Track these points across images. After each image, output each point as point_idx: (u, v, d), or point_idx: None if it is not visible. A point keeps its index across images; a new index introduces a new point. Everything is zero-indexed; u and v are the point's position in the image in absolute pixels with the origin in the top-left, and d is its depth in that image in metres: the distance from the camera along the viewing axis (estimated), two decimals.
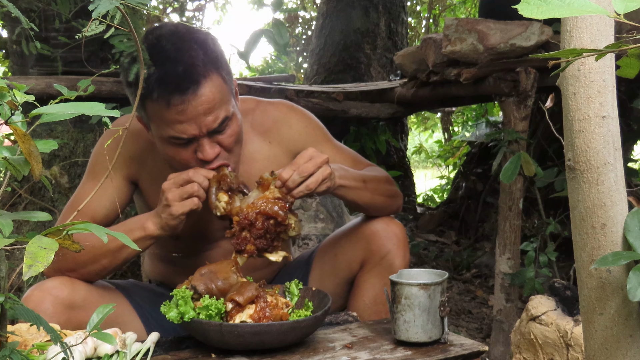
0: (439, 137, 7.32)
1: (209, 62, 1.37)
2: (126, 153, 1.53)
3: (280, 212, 1.36)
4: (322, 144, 1.62)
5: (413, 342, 1.33)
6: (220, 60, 1.41)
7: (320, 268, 1.68)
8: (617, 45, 0.75)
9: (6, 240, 0.76)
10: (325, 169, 1.38)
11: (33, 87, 1.15)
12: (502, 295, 2.37)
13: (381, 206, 1.60)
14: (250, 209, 1.36)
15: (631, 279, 0.87)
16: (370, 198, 1.55)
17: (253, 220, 1.35)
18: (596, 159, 0.93)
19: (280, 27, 2.60)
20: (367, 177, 1.56)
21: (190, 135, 1.37)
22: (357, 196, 1.52)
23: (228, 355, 1.29)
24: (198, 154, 1.39)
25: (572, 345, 1.40)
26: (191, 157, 1.40)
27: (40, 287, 1.40)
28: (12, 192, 2.87)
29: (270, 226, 1.36)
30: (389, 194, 1.62)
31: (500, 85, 2.32)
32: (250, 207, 1.36)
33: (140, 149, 1.54)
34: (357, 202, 1.54)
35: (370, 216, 1.62)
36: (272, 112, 1.63)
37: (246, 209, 1.36)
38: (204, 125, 1.36)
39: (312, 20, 7.78)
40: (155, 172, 1.53)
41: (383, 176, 1.62)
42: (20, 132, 0.83)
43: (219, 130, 1.39)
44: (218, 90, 1.37)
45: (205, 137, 1.38)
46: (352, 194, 1.51)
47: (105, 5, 0.88)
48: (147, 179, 1.55)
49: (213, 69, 1.37)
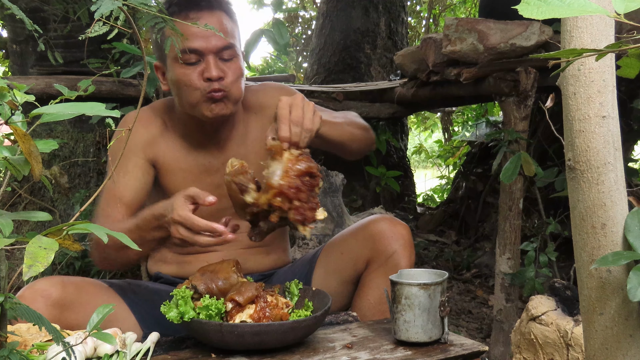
0: (438, 137, 7.32)
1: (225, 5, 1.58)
2: (141, 138, 1.63)
3: (312, 163, 1.34)
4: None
5: (413, 342, 1.33)
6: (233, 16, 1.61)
7: (325, 267, 1.68)
8: (617, 45, 0.75)
9: (6, 240, 0.76)
10: (308, 104, 1.42)
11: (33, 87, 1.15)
12: (502, 295, 2.37)
13: (360, 139, 1.68)
14: (289, 178, 1.30)
15: (631, 278, 0.87)
16: (350, 132, 1.64)
17: (298, 185, 1.30)
18: (596, 159, 0.93)
19: (280, 27, 2.60)
20: (337, 114, 1.69)
21: (200, 48, 1.50)
22: (340, 131, 1.60)
23: (228, 355, 1.29)
24: (205, 73, 1.50)
25: (572, 345, 1.40)
26: (198, 80, 1.51)
27: (31, 288, 1.41)
28: (12, 192, 2.88)
29: (309, 183, 1.33)
30: (362, 126, 1.72)
31: (501, 85, 2.32)
32: (287, 175, 1.30)
33: (152, 134, 1.65)
34: (341, 139, 1.61)
35: (376, 217, 1.64)
36: (255, 89, 1.76)
37: (285, 179, 1.30)
38: (212, 41, 1.50)
39: (312, 20, 7.78)
40: (168, 153, 1.65)
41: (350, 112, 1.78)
42: (20, 132, 0.83)
43: (224, 57, 1.53)
44: (229, 23, 1.56)
45: (212, 56, 1.51)
46: (334, 130, 1.58)
47: (107, 5, 0.88)
48: (162, 160, 1.65)
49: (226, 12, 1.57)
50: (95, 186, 3.08)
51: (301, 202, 1.30)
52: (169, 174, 1.65)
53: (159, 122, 1.67)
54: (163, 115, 1.68)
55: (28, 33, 3.09)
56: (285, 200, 1.29)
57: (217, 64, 1.51)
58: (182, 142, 1.65)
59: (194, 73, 1.51)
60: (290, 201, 1.29)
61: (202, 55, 1.51)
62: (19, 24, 3.11)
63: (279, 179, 1.30)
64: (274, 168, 1.31)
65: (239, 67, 1.56)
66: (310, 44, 5.57)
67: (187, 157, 1.65)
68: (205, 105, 1.53)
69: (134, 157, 1.61)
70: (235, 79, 1.54)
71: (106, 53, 2.87)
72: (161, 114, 1.68)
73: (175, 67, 1.53)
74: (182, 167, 1.65)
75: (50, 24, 3.01)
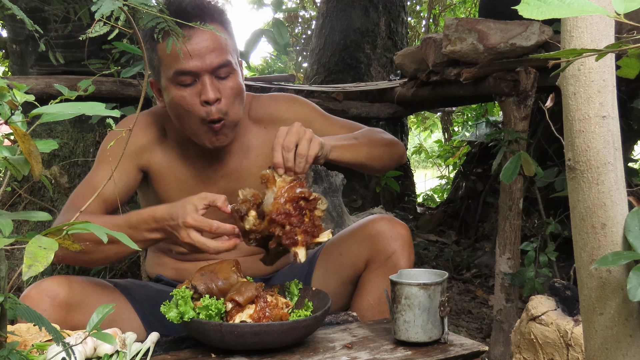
0: (438, 137, 7.32)
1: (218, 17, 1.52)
2: (137, 143, 1.61)
3: (303, 189, 1.35)
4: (310, 116, 1.71)
5: (413, 342, 1.33)
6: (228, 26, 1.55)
7: (324, 267, 1.68)
8: (617, 45, 0.75)
9: (6, 240, 0.76)
10: (303, 131, 1.40)
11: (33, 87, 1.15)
12: (502, 295, 2.37)
13: (382, 156, 1.64)
14: (278, 204, 1.33)
15: (631, 278, 0.87)
16: (367, 151, 1.59)
17: (287, 211, 1.33)
18: (596, 158, 0.93)
19: (280, 27, 2.60)
20: (357, 134, 1.63)
21: (194, 68, 1.46)
22: (355, 153, 1.56)
23: (228, 355, 1.29)
24: (202, 96, 1.47)
25: (572, 345, 1.40)
26: (195, 103, 1.48)
27: (37, 287, 1.40)
28: (12, 192, 2.87)
29: (304, 207, 1.35)
30: (384, 142, 1.67)
31: (500, 85, 2.32)
32: (276, 202, 1.34)
33: (150, 140, 1.63)
34: (358, 160, 1.57)
35: (375, 217, 1.63)
36: (265, 100, 1.73)
37: (274, 206, 1.34)
38: (207, 60, 1.46)
39: (312, 19, 7.78)
40: (164, 161, 1.63)
41: (374, 129, 1.70)
42: (20, 132, 0.83)
43: (220, 76, 1.49)
44: (223, 37, 1.50)
45: (208, 76, 1.47)
46: (348, 153, 1.54)
47: (108, 5, 0.88)
48: (157, 167, 1.63)
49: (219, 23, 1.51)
50: None
51: (292, 227, 1.33)
52: (164, 182, 1.63)
53: (158, 128, 1.65)
54: (163, 121, 1.65)
55: (28, 33, 3.09)
56: (277, 226, 1.33)
57: (214, 84, 1.48)
58: (180, 151, 1.63)
59: (190, 95, 1.48)
60: (283, 226, 1.33)
61: (197, 75, 1.47)
62: (19, 24, 3.11)
63: (269, 206, 1.34)
64: (267, 196, 1.36)
65: (236, 84, 1.52)
66: (310, 44, 5.57)
67: (184, 167, 1.63)
68: (206, 136, 1.52)
69: (125, 160, 1.58)
70: (232, 99, 1.51)
71: (107, 53, 2.87)
72: (161, 119, 1.65)
73: (171, 89, 1.50)
74: (177, 177, 1.63)
75: (50, 24, 3.00)
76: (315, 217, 1.36)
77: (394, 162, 1.71)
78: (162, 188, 1.64)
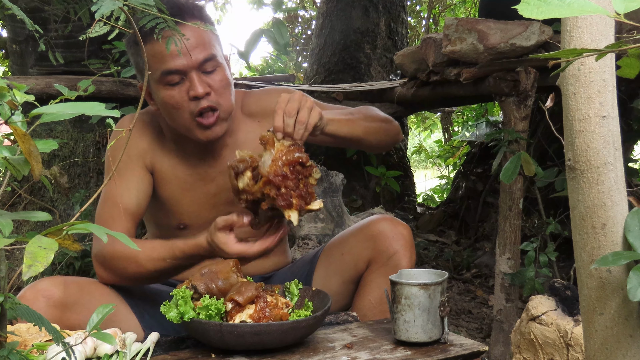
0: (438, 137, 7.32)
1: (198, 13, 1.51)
2: (139, 145, 1.61)
3: (301, 154, 1.35)
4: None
5: (413, 342, 1.33)
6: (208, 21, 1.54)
7: (325, 267, 1.68)
8: (617, 45, 0.75)
9: (6, 240, 0.76)
10: (305, 99, 1.41)
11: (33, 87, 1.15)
12: (502, 295, 2.37)
13: (378, 131, 1.65)
14: (276, 166, 1.34)
15: (631, 278, 0.87)
16: (364, 126, 1.60)
17: (284, 173, 1.33)
18: (596, 158, 0.93)
19: (280, 27, 2.60)
20: (353, 110, 1.66)
21: (181, 67, 1.46)
22: (352, 127, 1.57)
23: (228, 355, 1.29)
24: (190, 92, 1.47)
25: (572, 345, 1.40)
26: (184, 100, 1.48)
27: (33, 288, 1.41)
28: (12, 192, 2.87)
29: (300, 172, 1.35)
30: (380, 118, 1.68)
31: (500, 85, 2.32)
32: (274, 163, 1.34)
33: (149, 140, 1.63)
34: (355, 134, 1.58)
35: (377, 217, 1.63)
36: (258, 95, 1.73)
37: (272, 167, 1.34)
38: (193, 56, 1.46)
39: (312, 19, 7.78)
40: (164, 160, 1.63)
41: (369, 107, 1.72)
42: (20, 132, 0.83)
43: (207, 70, 1.49)
44: (207, 33, 1.49)
45: (195, 72, 1.47)
46: (345, 127, 1.55)
47: (108, 5, 0.88)
48: (159, 166, 1.63)
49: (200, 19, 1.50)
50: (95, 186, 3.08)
51: (287, 190, 1.33)
52: (165, 181, 1.63)
53: (155, 128, 1.65)
54: (158, 120, 1.66)
55: (28, 33, 3.09)
56: (273, 187, 1.32)
57: (201, 79, 1.48)
58: (178, 150, 1.63)
59: (179, 94, 1.49)
60: (278, 189, 1.32)
61: (184, 73, 1.48)
62: (19, 24, 3.11)
63: (267, 167, 1.34)
64: (265, 158, 1.36)
65: (224, 76, 1.52)
66: (310, 44, 5.57)
67: (182, 165, 1.63)
68: (199, 131, 1.52)
69: (132, 165, 1.59)
70: (222, 91, 1.52)
71: (107, 53, 2.87)
72: (156, 118, 1.66)
73: (160, 90, 1.50)
74: (177, 175, 1.63)
75: (50, 24, 3.01)
76: (309, 184, 1.37)
77: (390, 139, 1.71)
78: (163, 187, 1.64)
